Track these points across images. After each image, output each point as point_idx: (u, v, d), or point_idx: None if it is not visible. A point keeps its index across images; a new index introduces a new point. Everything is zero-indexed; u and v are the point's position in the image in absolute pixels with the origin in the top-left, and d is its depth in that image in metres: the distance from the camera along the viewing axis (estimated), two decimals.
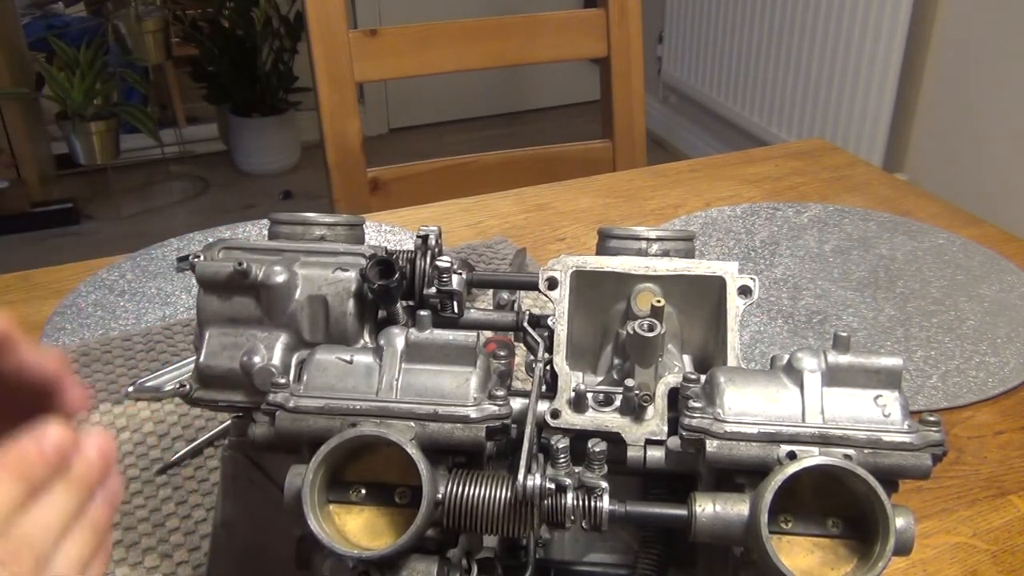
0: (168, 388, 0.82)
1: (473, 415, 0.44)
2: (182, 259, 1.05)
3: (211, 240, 0.54)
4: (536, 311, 0.54)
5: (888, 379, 0.44)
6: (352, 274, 0.51)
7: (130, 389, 0.82)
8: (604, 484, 0.43)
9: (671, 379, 0.47)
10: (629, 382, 0.46)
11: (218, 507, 0.58)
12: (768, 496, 0.40)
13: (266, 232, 0.56)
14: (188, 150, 3.59)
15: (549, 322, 0.52)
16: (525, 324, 0.54)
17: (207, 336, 0.51)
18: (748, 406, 0.44)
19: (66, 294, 1.00)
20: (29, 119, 3.13)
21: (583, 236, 1.12)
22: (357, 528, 0.44)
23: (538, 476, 0.41)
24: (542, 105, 3.98)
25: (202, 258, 0.52)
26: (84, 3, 3.35)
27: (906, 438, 0.42)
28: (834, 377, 0.44)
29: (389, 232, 1.12)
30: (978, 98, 2.23)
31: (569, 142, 1.53)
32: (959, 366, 0.86)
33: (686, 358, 0.53)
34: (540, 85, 3.91)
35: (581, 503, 0.43)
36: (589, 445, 0.44)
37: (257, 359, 0.49)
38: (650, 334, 0.46)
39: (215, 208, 3.27)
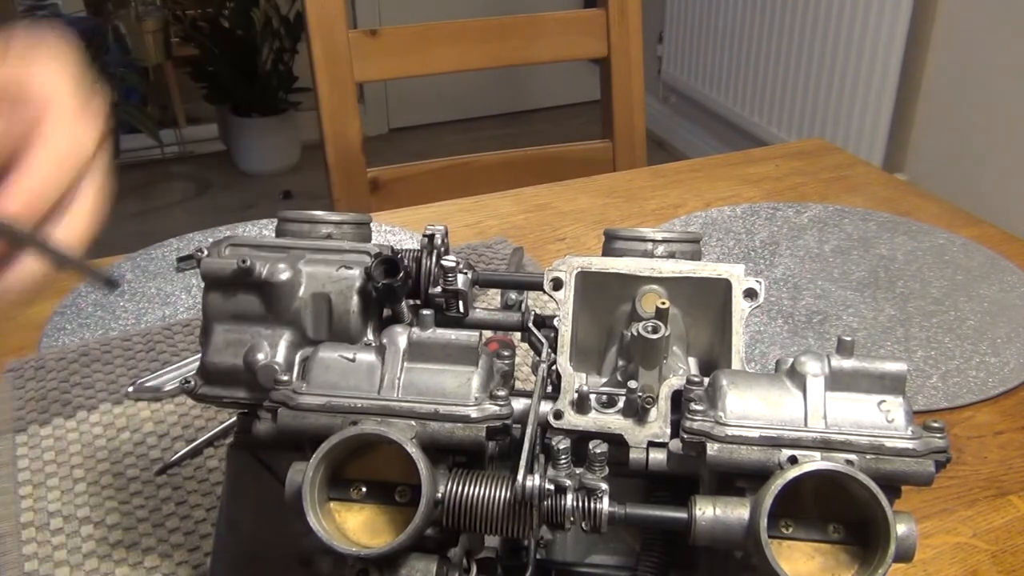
0: (168, 388, 0.82)
1: (474, 415, 0.44)
2: (182, 259, 1.05)
3: (212, 240, 0.54)
4: (538, 311, 0.54)
5: (892, 384, 0.44)
6: (356, 272, 0.51)
7: (130, 389, 0.82)
8: (604, 486, 0.43)
9: (675, 381, 0.47)
10: (632, 384, 0.46)
11: (222, 504, 0.58)
12: (768, 500, 0.40)
13: (266, 232, 0.56)
14: (188, 150, 3.59)
15: (554, 323, 0.52)
16: (530, 325, 0.54)
17: (212, 333, 0.51)
18: (750, 410, 0.44)
19: (66, 294, 1.00)
20: None
21: (583, 236, 1.12)
22: (357, 526, 0.44)
23: (538, 477, 0.41)
24: (542, 105, 3.99)
25: (208, 254, 0.52)
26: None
27: (909, 444, 0.42)
28: (837, 382, 0.44)
29: (389, 232, 1.11)
30: (978, 98, 2.23)
31: (569, 142, 1.53)
32: (959, 366, 0.86)
33: (692, 360, 0.52)
34: (540, 85, 3.91)
35: (581, 504, 0.43)
36: (590, 446, 0.44)
37: (261, 356, 0.49)
38: (654, 336, 0.46)
39: (215, 208, 3.27)
